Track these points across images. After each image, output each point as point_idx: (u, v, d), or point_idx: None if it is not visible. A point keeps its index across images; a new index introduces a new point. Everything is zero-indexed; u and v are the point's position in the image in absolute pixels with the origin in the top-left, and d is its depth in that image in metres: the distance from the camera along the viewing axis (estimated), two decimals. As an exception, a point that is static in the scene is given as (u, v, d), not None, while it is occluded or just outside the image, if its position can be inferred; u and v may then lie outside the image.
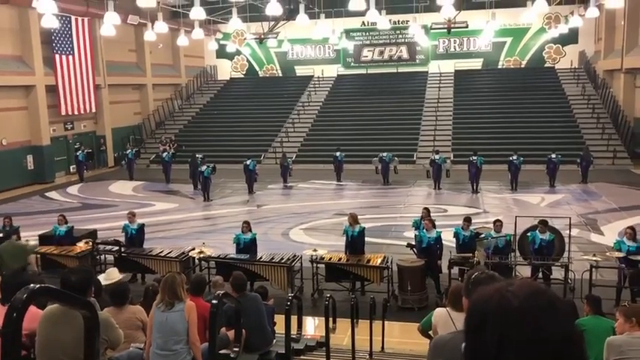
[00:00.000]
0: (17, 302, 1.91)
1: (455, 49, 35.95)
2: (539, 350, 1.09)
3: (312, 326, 9.83)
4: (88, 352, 2.53)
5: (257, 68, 38.65)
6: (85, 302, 2.60)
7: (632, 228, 10.45)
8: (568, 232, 10.77)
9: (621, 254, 9.93)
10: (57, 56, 25.32)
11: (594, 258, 10.20)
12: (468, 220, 11.33)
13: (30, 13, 23.25)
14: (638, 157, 24.95)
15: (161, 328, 4.68)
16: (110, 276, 7.00)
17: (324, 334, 6.78)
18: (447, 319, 3.79)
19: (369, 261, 10.74)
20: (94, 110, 27.71)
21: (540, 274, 10.45)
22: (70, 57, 26.01)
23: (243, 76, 38.65)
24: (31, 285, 2.02)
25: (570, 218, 11.48)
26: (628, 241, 10.15)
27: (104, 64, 28.53)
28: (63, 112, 25.69)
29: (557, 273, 10.62)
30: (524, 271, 10.73)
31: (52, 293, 2.38)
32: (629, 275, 9.74)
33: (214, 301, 4.27)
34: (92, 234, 13.02)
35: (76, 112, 26.45)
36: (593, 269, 9.93)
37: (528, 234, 10.80)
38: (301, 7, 21.23)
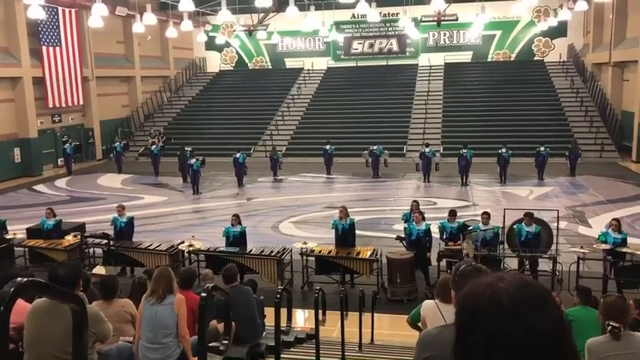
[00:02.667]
0: (4, 296, 1.90)
1: (445, 41, 36.00)
2: (529, 347, 1.10)
3: (302, 318, 9.87)
4: (77, 347, 2.52)
5: (246, 60, 38.48)
6: (73, 296, 2.59)
7: (617, 220, 10.57)
8: (556, 224, 10.86)
9: (608, 246, 10.04)
10: (44, 48, 25.03)
11: (582, 250, 10.31)
12: (453, 213, 11.42)
13: (16, 3, 22.99)
14: (626, 150, 25.19)
15: (150, 321, 4.68)
16: (98, 271, 6.98)
17: (313, 327, 6.79)
18: (435, 311, 3.81)
19: (358, 254, 10.78)
20: (81, 103, 27.46)
21: (528, 266, 10.55)
22: (58, 49, 25.74)
23: (232, 68, 38.47)
24: (19, 279, 2.01)
25: (558, 211, 11.57)
26: (613, 233, 10.27)
27: (92, 56, 28.27)
28: (50, 105, 25.44)
29: (545, 265, 10.72)
30: (513, 263, 10.81)
31: (40, 287, 2.37)
32: (616, 268, 9.86)
33: (203, 294, 4.26)
34: (81, 227, 12.94)
35: (63, 105, 26.21)
36: (581, 261, 10.04)
37: (515, 226, 10.88)
38: (291, -1, 21.13)
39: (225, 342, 4.88)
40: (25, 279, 2.05)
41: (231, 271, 6.41)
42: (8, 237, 11.99)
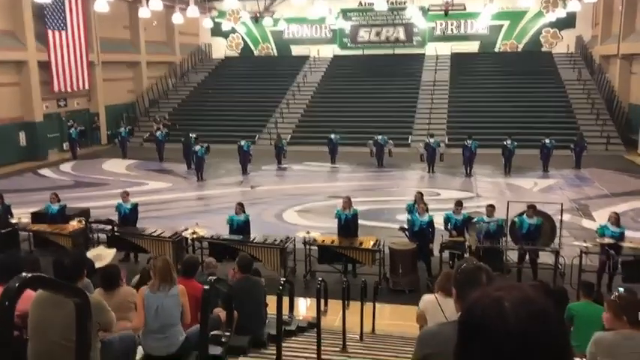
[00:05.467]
0: (9, 291, 1.93)
1: (452, 31, 35.73)
2: None
3: (304, 307, 9.92)
4: (80, 339, 2.55)
5: (252, 47, 38.33)
6: (77, 290, 2.61)
7: (616, 213, 10.56)
8: (559, 217, 10.85)
9: (611, 241, 10.03)
10: (49, 32, 24.98)
11: (585, 244, 10.29)
12: (459, 204, 11.37)
13: (22, -13, 22.92)
14: (632, 143, 25.06)
15: (156, 313, 4.72)
16: (100, 257, 7.00)
17: (315, 316, 6.83)
18: (435, 306, 3.82)
19: (361, 244, 10.81)
20: (87, 87, 27.46)
21: (527, 258, 10.57)
22: (63, 33, 25.68)
23: (238, 54, 38.32)
24: (24, 274, 2.03)
25: (562, 204, 11.55)
26: (612, 226, 10.26)
27: (98, 41, 28.21)
28: (56, 89, 25.45)
29: (547, 258, 10.72)
30: (515, 255, 10.81)
31: (44, 282, 2.39)
32: (621, 263, 9.86)
33: (206, 287, 4.29)
34: (85, 212, 13.00)
35: (69, 89, 26.22)
36: (584, 255, 10.03)
37: (516, 219, 10.88)
38: (298, -14, 21.02)
39: (228, 333, 4.91)
40: (29, 275, 2.08)
41: (246, 260, 6.45)
42: (13, 221, 12.06)
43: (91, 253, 7.04)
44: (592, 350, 3.83)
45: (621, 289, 4.26)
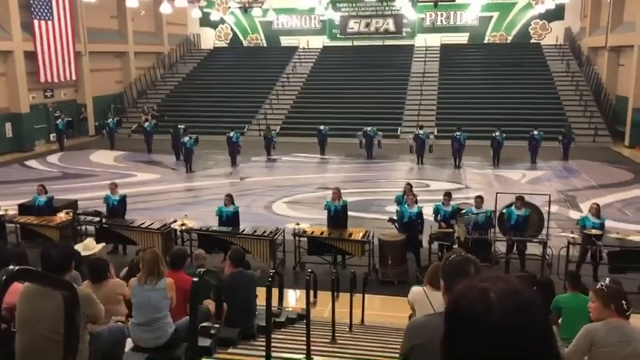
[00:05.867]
0: (-4, 284, 1.92)
1: (442, 22, 35.75)
2: (515, 355, 1.14)
3: (294, 299, 9.94)
4: (69, 332, 2.53)
5: (241, 37, 38.12)
6: (64, 283, 2.59)
7: (596, 204, 10.67)
8: (547, 208, 10.94)
9: (599, 232, 10.13)
10: (35, 21, 24.67)
11: (572, 235, 10.40)
12: (448, 195, 11.42)
13: (7, -25, 22.58)
14: (619, 134, 25.27)
15: (143, 306, 4.71)
16: (88, 247, 6.96)
17: (304, 307, 6.85)
18: (423, 298, 3.85)
19: (350, 235, 10.84)
20: (74, 78, 27.17)
21: (515, 249, 10.65)
22: (50, 22, 25.37)
23: (226, 45, 38.10)
24: (10, 267, 2.02)
25: (550, 195, 11.64)
26: (592, 217, 10.37)
27: (85, 31, 27.91)
28: (42, 79, 25.17)
29: (535, 249, 10.82)
30: (504, 246, 10.90)
31: (31, 275, 2.38)
32: (608, 254, 9.96)
33: (195, 280, 4.28)
34: (73, 204, 12.90)
35: (55, 80, 25.93)
36: (571, 246, 10.13)
37: (504, 210, 10.95)
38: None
39: (217, 325, 4.91)
40: (16, 267, 2.06)
41: (238, 253, 6.43)
42: (0, 213, 11.95)
43: (79, 246, 7.01)
44: (584, 341, 3.86)
45: (607, 280, 4.30)
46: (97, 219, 11.55)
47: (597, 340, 3.82)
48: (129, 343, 4.79)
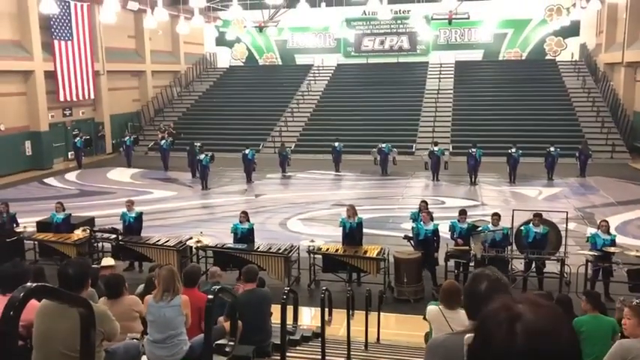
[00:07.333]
0: (14, 300, 1.94)
1: (456, 39, 35.82)
2: None
3: (309, 316, 9.89)
4: (84, 349, 2.55)
5: (257, 56, 38.50)
6: (81, 300, 2.62)
7: (606, 221, 10.54)
8: (565, 226, 10.80)
9: (617, 250, 9.98)
10: (56, 42, 25.17)
11: (590, 252, 10.24)
12: (463, 212, 11.34)
13: (29, -3, 23.11)
14: (637, 151, 24.97)
15: (158, 322, 4.72)
16: (106, 262, 7.02)
17: (319, 325, 6.81)
18: (439, 317, 3.80)
19: (365, 252, 10.78)
20: (92, 97, 27.61)
21: (534, 267, 10.51)
22: (69, 43, 25.87)
23: (242, 64, 38.51)
24: (28, 284, 2.04)
25: (567, 212, 11.51)
26: (603, 234, 10.22)
27: (103, 51, 28.40)
28: (61, 99, 25.60)
29: (553, 267, 10.67)
30: (520, 264, 10.77)
31: (49, 292, 2.40)
32: (627, 272, 9.79)
33: (210, 297, 4.28)
34: (90, 221, 13.02)
35: (74, 99, 26.36)
36: (589, 263, 9.98)
37: (522, 227, 10.83)
38: (302, -5, 21.14)
39: (232, 343, 4.90)
40: (34, 284, 2.08)
41: (252, 271, 6.41)
42: (19, 230, 12.10)
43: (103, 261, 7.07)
44: (619, 358, 3.82)
45: (632, 298, 4.28)
46: (113, 236, 11.63)
47: (633, 356, 3.79)
48: (144, 361, 4.79)
